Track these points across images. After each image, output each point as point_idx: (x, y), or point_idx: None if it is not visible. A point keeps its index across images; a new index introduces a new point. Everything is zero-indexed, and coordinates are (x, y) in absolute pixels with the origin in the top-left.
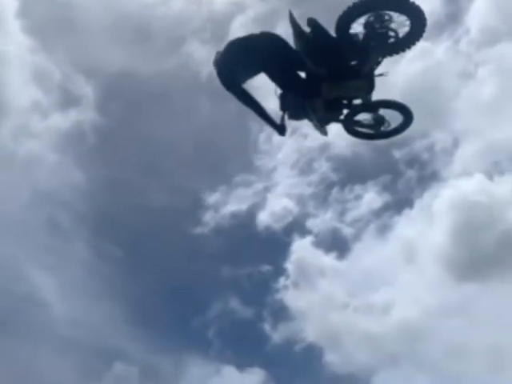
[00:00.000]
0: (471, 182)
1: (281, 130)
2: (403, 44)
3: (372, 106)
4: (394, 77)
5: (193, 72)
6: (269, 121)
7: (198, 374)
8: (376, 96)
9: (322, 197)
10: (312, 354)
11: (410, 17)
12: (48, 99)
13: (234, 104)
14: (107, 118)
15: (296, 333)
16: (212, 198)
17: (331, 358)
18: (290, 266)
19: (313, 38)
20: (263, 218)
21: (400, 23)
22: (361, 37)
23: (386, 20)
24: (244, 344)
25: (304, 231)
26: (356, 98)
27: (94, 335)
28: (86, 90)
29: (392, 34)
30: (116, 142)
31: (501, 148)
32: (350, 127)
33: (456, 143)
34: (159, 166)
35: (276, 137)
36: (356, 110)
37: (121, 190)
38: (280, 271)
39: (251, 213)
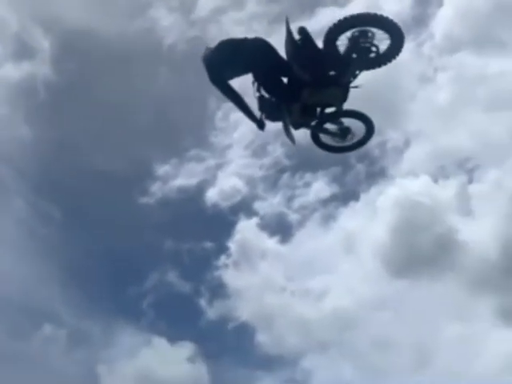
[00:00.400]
0: (417, 182)
1: (260, 124)
2: (382, 59)
3: (341, 115)
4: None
5: (156, 39)
6: (250, 115)
7: (128, 342)
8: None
9: (272, 181)
10: (244, 333)
11: (390, 34)
12: (1, 48)
13: (193, 77)
14: (61, 75)
15: (231, 311)
16: (162, 170)
17: (262, 338)
18: (232, 245)
19: (301, 46)
20: (211, 195)
21: (381, 40)
22: (344, 49)
23: (370, 36)
24: (178, 317)
25: (250, 212)
26: (331, 105)
27: (25, 294)
28: (43, 43)
29: (374, 49)
30: (68, 101)
31: (449, 153)
32: (318, 135)
33: (407, 143)
34: (110, 130)
35: (233, 115)
36: (327, 117)
37: (68, 150)
38: (222, 249)
39: (200, 189)
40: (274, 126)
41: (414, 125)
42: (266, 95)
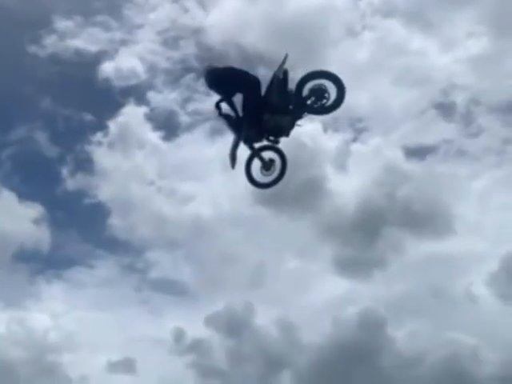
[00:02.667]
0: (308, 125)
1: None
2: (325, 111)
3: (276, 141)
4: (288, 6)
5: None
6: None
7: None
8: None
9: (175, 76)
10: (98, 211)
11: (337, 88)
12: None
13: None
14: None
15: (91, 188)
16: (62, 24)
17: (115, 222)
18: (113, 126)
19: (280, 81)
20: (107, 69)
21: (332, 92)
22: (305, 94)
23: (323, 88)
24: (34, 178)
25: (142, 100)
26: (281, 131)
27: None
28: None
29: (322, 101)
30: None
31: (346, 108)
32: (251, 164)
33: None
34: None
35: None
36: (271, 138)
37: None
38: (101, 127)
39: (97, 58)
40: (194, 23)
41: None
42: (232, 114)
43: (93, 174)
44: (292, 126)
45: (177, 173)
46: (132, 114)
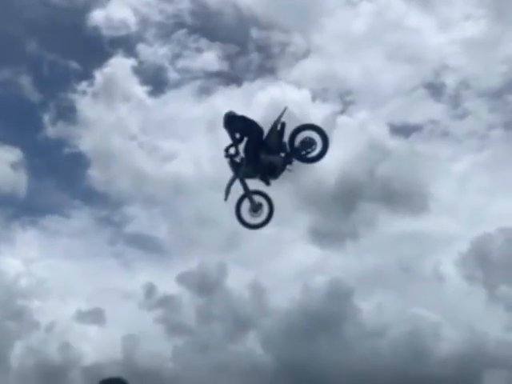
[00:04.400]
0: (297, 93)
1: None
2: (310, 159)
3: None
4: None
5: None
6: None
7: None
8: None
9: (167, 31)
10: (78, 161)
11: (323, 140)
12: None
13: None
14: None
15: (72, 137)
16: None
17: (94, 173)
18: (99, 76)
19: (278, 131)
20: (98, 17)
21: (317, 143)
22: (297, 144)
23: (311, 140)
24: (15, 122)
25: (131, 53)
26: (273, 170)
27: None
28: None
29: (308, 151)
30: None
31: (337, 79)
32: (241, 205)
33: (306, 54)
34: None
35: None
36: (264, 175)
37: None
38: (87, 76)
39: (88, 5)
40: None
41: (321, 39)
42: (235, 156)
43: (75, 124)
44: (283, 168)
45: (160, 130)
46: (119, 66)
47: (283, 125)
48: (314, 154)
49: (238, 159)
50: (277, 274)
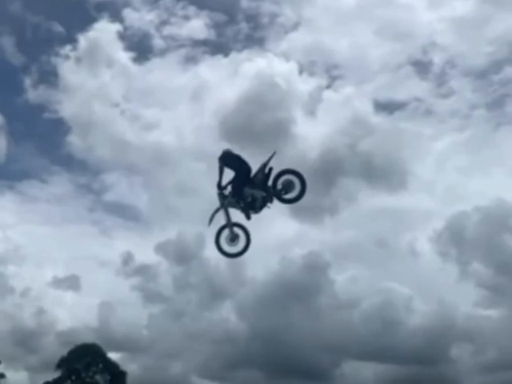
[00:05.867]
0: (284, 65)
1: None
2: (288, 200)
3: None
4: None
5: None
6: (220, 175)
7: None
8: None
9: None
10: (58, 127)
11: (301, 185)
12: None
13: None
14: None
15: (53, 102)
16: None
17: (74, 140)
18: (83, 40)
19: (265, 172)
20: None
21: (296, 187)
22: (279, 185)
23: (290, 185)
24: None
25: (116, 17)
26: (254, 202)
27: None
28: None
29: (286, 191)
30: None
31: (325, 53)
32: (220, 235)
33: (295, 26)
34: None
35: None
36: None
37: None
38: (70, 40)
39: None
40: None
41: (310, 12)
42: (224, 189)
43: (56, 88)
44: (263, 204)
45: (143, 98)
46: (104, 31)
47: (270, 169)
48: (292, 196)
49: (226, 192)
50: (254, 246)
